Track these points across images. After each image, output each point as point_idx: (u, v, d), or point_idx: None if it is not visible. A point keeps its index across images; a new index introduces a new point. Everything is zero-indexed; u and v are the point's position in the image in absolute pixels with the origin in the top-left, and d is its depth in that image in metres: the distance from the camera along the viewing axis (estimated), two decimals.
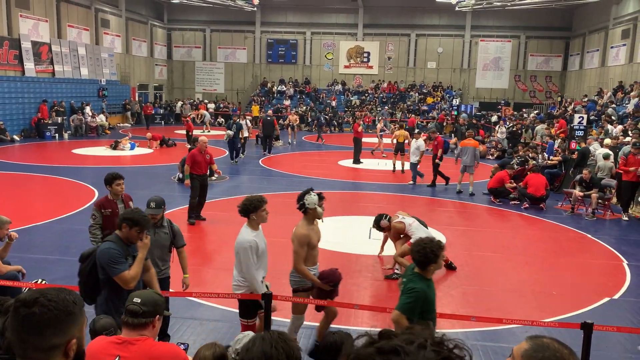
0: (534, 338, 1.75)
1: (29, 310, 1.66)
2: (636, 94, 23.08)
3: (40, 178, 14.77)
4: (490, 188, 13.77)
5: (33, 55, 25.48)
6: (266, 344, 2.16)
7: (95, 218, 5.91)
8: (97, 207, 5.95)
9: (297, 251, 5.06)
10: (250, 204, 5.03)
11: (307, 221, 5.21)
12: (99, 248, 4.15)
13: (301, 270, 5.02)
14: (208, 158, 10.44)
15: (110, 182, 5.97)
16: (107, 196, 6.03)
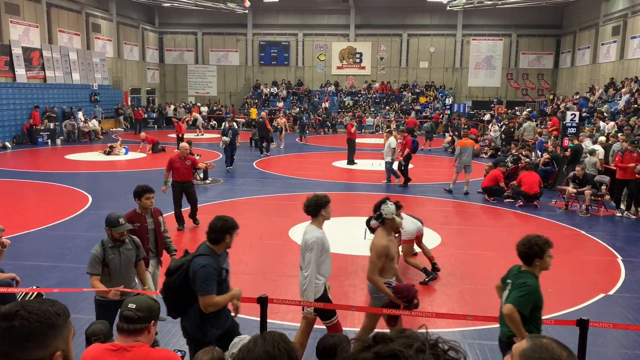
0: (533, 338, 1.75)
1: (9, 323, 1.61)
2: (627, 91, 23.22)
3: (33, 184, 14.69)
4: (485, 187, 13.81)
5: (24, 61, 25.34)
6: (268, 344, 2.16)
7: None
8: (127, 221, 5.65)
9: (374, 262, 4.86)
10: (322, 201, 5.02)
11: (386, 232, 4.96)
12: (194, 262, 3.98)
13: (375, 282, 4.87)
14: (188, 164, 10.08)
15: (140, 195, 5.79)
16: (135, 209, 5.84)
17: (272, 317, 5.98)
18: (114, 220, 4.95)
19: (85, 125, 26.73)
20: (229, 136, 17.05)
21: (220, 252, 4.17)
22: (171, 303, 4.08)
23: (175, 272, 4.03)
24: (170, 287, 4.05)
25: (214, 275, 3.93)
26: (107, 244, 4.96)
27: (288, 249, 9.14)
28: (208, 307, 3.90)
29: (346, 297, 7.09)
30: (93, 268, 4.89)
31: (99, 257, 4.89)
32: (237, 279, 7.63)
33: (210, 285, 3.88)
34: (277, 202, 12.95)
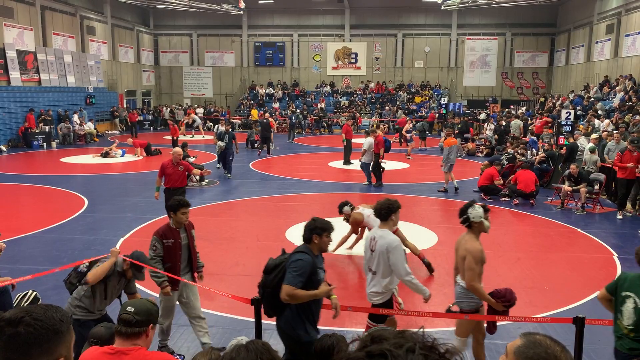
0: (527, 335, 1.76)
1: (14, 329, 1.61)
2: (622, 88, 23.31)
3: (28, 188, 14.65)
4: (481, 186, 13.84)
5: (18, 65, 25.28)
6: (251, 355, 2.15)
7: (156, 249, 5.24)
8: (158, 237, 5.28)
9: (474, 268, 4.72)
10: (393, 206, 4.96)
11: (475, 235, 4.85)
12: (291, 257, 4.01)
13: (476, 289, 4.74)
14: (181, 170, 9.64)
15: (176, 209, 5.33)
16: (169, 224, 5.39)
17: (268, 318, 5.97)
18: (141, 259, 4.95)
19: (80, 128, 26.67)
20: (225, 141, 16.16)
21: (316, 252, 4.14)
22: (268, 301, 4.08)
23: (274, 270, 4.04)
24: (267, 285, 4.06)
25: (306, 270, 3.92)
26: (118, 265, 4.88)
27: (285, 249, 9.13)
28: (287, 297, 3.89)
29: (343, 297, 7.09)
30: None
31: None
32: (234, 280, 7.65)
33: (298, 277, 3.87)
34: (273, 203, 12.95)
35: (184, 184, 9.88)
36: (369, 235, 5.14)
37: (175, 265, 5.30)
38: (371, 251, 4.99)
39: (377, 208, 5.01)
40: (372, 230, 5.15)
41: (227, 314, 6.43)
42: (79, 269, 4.75)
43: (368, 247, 5.06)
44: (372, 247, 4.99)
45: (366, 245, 5.11)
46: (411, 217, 11.47)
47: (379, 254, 4.89)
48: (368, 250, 5.05)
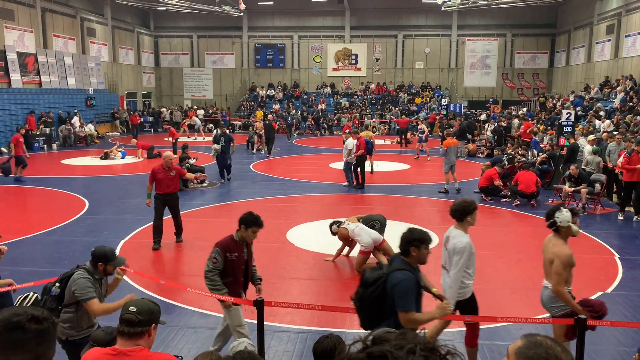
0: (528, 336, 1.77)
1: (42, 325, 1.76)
2: (622, 89, 23.31)
3: (29, 190, 14.66)
4: (481, 187, 13.83)
5: (19, 67, 25.30)
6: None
7: (217, 262, 4.90)
8: (221, 250, 4.94)
9: (560, 273, 4.66)
10: (469, 207, 4.98)
11: (563, 239, 4.80)
12: (392, 276, 3.84)
13: (562, 294, 4.68)
14: (173, 175, 9.14)
15: (249, 225, 4.95)
16: (233, 237, 5.03)
17: (270, 320, 5.99)
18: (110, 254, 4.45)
19: (81, 129, 26.69)
20: (222, 143, 15.50)
21: (414, 265, 3.98)
22: (365, 314, 3.96)
23: (373, 284, 3.89)
24: (365, 299, 3.92)
25: (413, 290, 3.80)
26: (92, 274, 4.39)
27: (286, 251, 9.14)
28: (408, 324, 3.75)
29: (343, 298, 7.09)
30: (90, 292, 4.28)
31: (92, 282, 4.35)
32: None
33: (409, 300, 3.75)
34: (274, 204, 12.95)
35: (177, 189, 9.38)
36: (445, 234, 5.18)
37: (238, 279, 5.05)
38: (446, 249, 5.09)
39: (453, 209, 5.04)
40: (449, 230, 5.15)
41: None
42: (52, 292, 4.35)
43: (444, 245, 5.15)
44: (445, 245, 5.08)
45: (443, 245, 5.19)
46: (411, 218, 11.46)
47: (449, 252, 5.01)
48: (444, 247, 5.15)
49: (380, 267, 4.06)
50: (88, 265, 4.40)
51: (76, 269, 4.39)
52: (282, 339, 5.89)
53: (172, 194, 9.22)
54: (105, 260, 4.37)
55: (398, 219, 11.42)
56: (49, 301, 4.40)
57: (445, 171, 14.31)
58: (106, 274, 4.45)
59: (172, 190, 9.21)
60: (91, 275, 4.31)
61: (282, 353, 5.57)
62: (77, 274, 4.29)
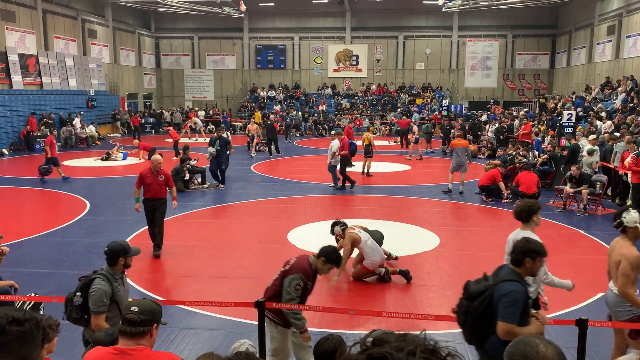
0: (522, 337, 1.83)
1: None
2: (623, 90, 23.29)
3: (30, 191, 14.67)
4: (482, 185, 13.81)
5: (20, 68, 25.33)
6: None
7: (299, 289, 4.61)
8: (304, 277, 4.67)
9: (628, 274, 4.53)
10: (534, 207, 5.01)
11: (630, 240, 4.70)
12: (500, 287, 3.64)
13: (629, 295, 4.56)
14: (162, 180, 8.71)
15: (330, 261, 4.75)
16: (311, 265, 4.78)
17: None
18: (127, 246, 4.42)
19: (82, 131, 26.72)
20: (217, 147, 14.77)
21: (524, 276, 3.83)
22: (471, 328, 3.81)
23: (478, 297, 3.74)
24: (471, 313, 3.77)
25: (521, 303, 3.62)
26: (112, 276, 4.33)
27: (287, 252, 9.12)
28: (505, 336, 3.57)
29: (345, 300, 7.09)
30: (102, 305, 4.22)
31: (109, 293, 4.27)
32: (236, 283, 7.65)
33: (514, 312, 3.56)
34: (275, 205, 12.95)
35: (165, 194, 8.86)
36: (511, 237, 5.09)
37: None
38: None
39: (517, 211, 5.04)
40: (516, 232, 5.10)
41: (230, 317, 6.42)
42: (75, 302, 4.32)
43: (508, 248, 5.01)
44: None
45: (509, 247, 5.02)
46: (412, 219, 11.46)
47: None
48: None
49: (486, 278, 3.84)
50: (105, 269, 4.34)
51: (94, 275, 4.32)
52: None
53: (159, 199, 8.74)
54: (125, 254, 4.36)
55: (399, 220, 11.41)
56: (73, 312, 4.34)
57: (451, 171, 14.30)
58: (126, 267, 4.45)
59: (160, 196, 8.74)
60: (110, 281, 4.26)
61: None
62: (96, 283, 4.23)
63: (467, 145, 14.63)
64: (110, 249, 4.37)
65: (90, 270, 8.22)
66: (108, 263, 4.38)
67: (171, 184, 8.94)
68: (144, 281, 7.58)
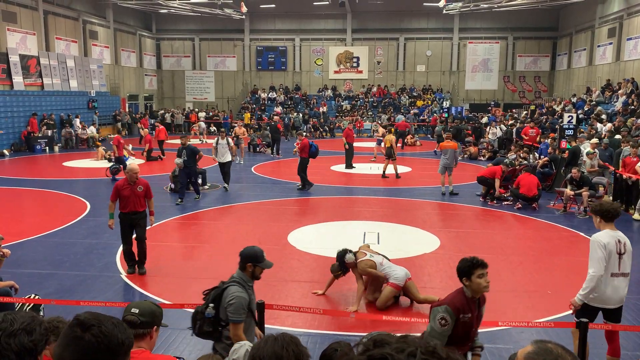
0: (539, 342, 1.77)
1: (82, 333, 1.70)
2: (624, 92, 23.30)
3: (31, 192, 14.67)
4: (480, 176, 13.79)
5: (21, 69, 25.36)
6: (278, 345, 2.20)
7: (446, 325, 3.84)
8: (452, 310, 3.83)
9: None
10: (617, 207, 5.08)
11: None
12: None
13: None
14: (140, 191, 7.91)
15: (470, 271, 3.86)
16: (464, 293, 3.92)
17: (271, 323, 5.98)
18: (260, 255, 4.16)
19: (83, 132, 26.74)
20: (183, 157, 13.18)
21: None
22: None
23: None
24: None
25: None
26: (246, 283, 4.11)
27: (287, 253, 9.13)
28: None
29: (345, 302, 7.08)
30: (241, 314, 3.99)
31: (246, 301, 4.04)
32: None
33: None
34: (275, 206, 12.95)
35: (144, 207, 8.06)
36: (610, 240, 4.95)
37: (465, 346, 4.05)
38: (620, 255, 4.87)
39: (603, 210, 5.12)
40: (612, 234, 5.01)
41: None
42: (208, 314, 4.06)
43: (614, 252, 4.90)
44: (621, 251, 4.88)
45: (609, 251, 4.93)
46: (412, 220, 11.46)
47: (629, 253, 4.87)
48: (613, 255, 4.89)
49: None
50: (237, 275, 4.16)
51: (226, 284, 4.11)
52: None
53: (139, 212, 7.95)
54: (254, 261, 4.14)
55: (399, 221, 11.41)
56: (205, 325, 4.10)
57: (440, 172, 14.37)
58: (254, 277, 4.20)
59: (139, 209, 7.94)
60: (245, 288, 4.07)
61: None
62: (233, 291, 4.01)
63: (456, 147, 14.60)
64: (242, 252, 4.19)
65: (90, 271, 8.25)
66: (239, 266, 4.20)
67: (150, 195, 8.11)
68: (144, 283, 7.58)
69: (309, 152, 14.80)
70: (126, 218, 7.90)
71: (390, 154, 17.16)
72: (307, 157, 14.81)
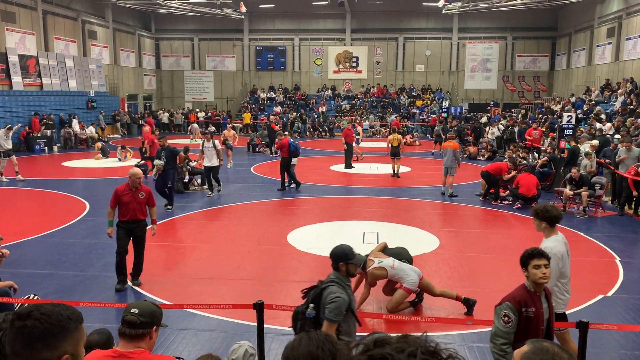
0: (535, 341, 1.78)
1: (22, 322, 1.69)
2: (623, 92, 23.31)
3: (30, 192, 14.66)
4: (484, 171, 13.75)
5: (20, 69, 25.34)
6: (312, 344, 2.12)
7: (510, 322, 3.72)
8: (514, 306, 3.75)
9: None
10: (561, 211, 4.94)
11: None
12: None
13: None
14: (142, 197, 7.33)
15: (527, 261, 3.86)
16: (525, 287, 3.87)
17: (270, 323, 5.97)
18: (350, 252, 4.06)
19: (82, 132, 26.73)
20: (163, 159, 12.18)
21: None
22: None
23: None
24: None
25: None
26: (343, 282, 3.98)
27: (286, 254, 9.13)
28: None
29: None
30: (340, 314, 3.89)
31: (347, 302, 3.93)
32: (235, 284, 7.64)
33: None
34: (275, 207, 12.95)
35: (146, 215, 7.44)
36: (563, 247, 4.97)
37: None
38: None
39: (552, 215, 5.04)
40: (561, 240, 5.02)
41: (229, 318, 6.42)
42: (309, 314, 4.04)
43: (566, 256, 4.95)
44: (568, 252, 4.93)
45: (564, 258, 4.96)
46: (412, 220, 11.46)
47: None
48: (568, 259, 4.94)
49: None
50: (334, 275, 4.05)
51: (324, 283, 4.03)
52: (283, 342, 5.87)
53: (140, 221, 7.35)
54: (345, 259, 4.05)
55: (398, 221, 11.41)
56: (306, 325, 4.08)
57: (443, 173, 14.35)
58: (349, 275, 4.12)
59: (140, 217, 7.35)
60: (344, 288, 3.99)
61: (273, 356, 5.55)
62: (334, 291, 3.92)
63: (457, 147, 14.47)
64: (332, 253, 4.12)
65: (89, 271, 8.24)
66: (332, 266, 4.13)
67: (152, 203, 7.56)
68: (143, 283, 7.57)
69: (289, 152, 14.74)
70: (125, 227, 7.28)
71: (397, 152, 17.17)
72: (287, 156, 14.77)
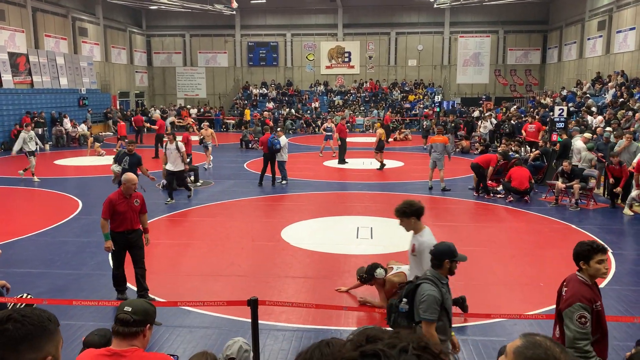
0: (527, 335, 1.78)
1: (3, 326, 1.67)
2: (614, 85, 23.43)
3: (22, 190, 14.57)
4: (474, 163, 13.80)
5: (10, 67, 25.13)
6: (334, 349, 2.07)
7: (586, 322, 3.55)
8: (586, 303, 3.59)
9: None
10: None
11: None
12: None
13: None
14: (137, 205, 6.74)
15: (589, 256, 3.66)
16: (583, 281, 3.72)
17: (265, 319, 5.99)
18: (454, 249, 4.07)
19: (74, 130, 26.57)
20: (124, 165, 11.11)
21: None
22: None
23: None
24: None
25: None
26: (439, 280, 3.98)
27: (280, 250, 9.14)
28: None
29: (339, 297, 7.10)
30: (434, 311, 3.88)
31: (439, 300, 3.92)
32: (229, 281, 7.64)
33: None
34: (268, 203, 12.95)
35: (139, 225, 6.84)
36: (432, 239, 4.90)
37: (605, 335, 3.75)
38: None
39: (417, 208, 4.96)
40: (430, 232, 5.00)
41: (223, 314, 6.42)
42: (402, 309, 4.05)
43: None
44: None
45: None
46: None
47: None
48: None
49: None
50: (431, 272, 4.03)
51: (420, 279, 4.02)
52: (278, 338, 5.89)
53: (136, 230, 6.75)
54: (451, 257, 4.05)
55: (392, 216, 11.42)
56: (399, 319, 4.10)
57: (430, 167, 14.30)
58: (451, 273, 4.09)
59: (137, 226, 6.77)
60: (438, 286, 3.96)
61: (277, 352, 5.58)
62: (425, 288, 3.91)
63: (447, 141, 14.46)
64: (436, 250, 4.10)
65: (82, 269, 8.22)
66: (433, 265, 4.08)
67: (144, 210, 6.92)
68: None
69: (268, 148, 14.80)
70: (121, 238, 6.68)
71: (382, 146, 17.31)
72: (267, 152, 14.83)
